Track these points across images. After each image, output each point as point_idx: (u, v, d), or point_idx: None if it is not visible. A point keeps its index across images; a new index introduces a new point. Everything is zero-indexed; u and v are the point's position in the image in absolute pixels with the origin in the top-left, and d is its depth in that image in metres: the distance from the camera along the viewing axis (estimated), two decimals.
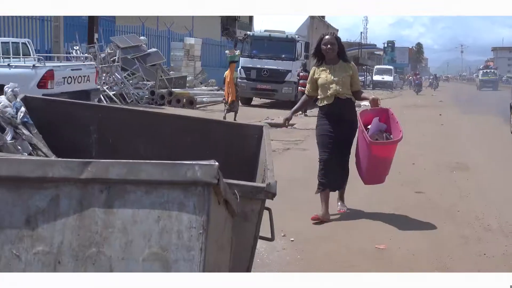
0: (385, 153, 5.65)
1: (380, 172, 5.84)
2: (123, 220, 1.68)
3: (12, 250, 1.68)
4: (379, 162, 5.71)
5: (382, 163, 5.70)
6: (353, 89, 5.82)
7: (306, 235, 5.32)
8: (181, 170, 1.68)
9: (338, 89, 5.66)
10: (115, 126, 3.23)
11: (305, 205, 5.97)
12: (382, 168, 5.78)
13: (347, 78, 5.72)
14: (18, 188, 1.70)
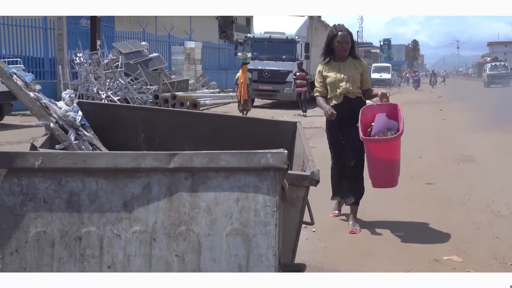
0: (384, 152, 5.09)
1: (384, 174, 5.27)
2: (207, 202, 1.96)
3: (113, 230, 1.96)
4: (378, 162, 5.16)
5: (383, 163, 5.15)
6: (363, 87, 5.46)
7: (327, 226, 5.58)
8: (255, 158, 1.96)
9: (348, 87, 5.32)
10: (160, 126, 3.51)
11: (322, 198, 6.23)
12: (384, 169, 5.23)
13: (357, 75, 5.37)
14: (115, 178, 1.98)
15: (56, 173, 1.98)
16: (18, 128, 13.20)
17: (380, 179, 5.29)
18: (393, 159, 5.13)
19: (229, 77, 31.40)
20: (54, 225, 1.96)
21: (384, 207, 6.22)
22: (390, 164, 5.16)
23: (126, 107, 3.60)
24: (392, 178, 5.31)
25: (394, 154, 5.11)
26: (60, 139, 2.81)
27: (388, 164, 5.14)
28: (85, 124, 3.15)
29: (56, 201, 1.97)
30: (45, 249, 1.95)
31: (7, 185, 1.98)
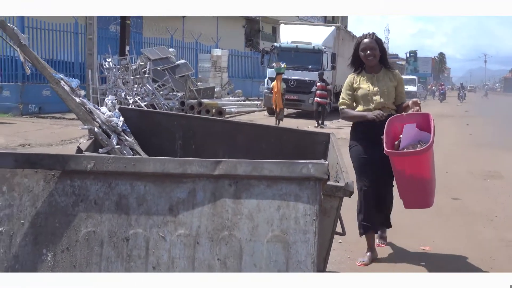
0: (411, 168, 4.40)
1: (414, 192, 4.60)
2: (249, 209, 2.05)
3: (159, 232, 2.05)
4: (406, 179, 4.48)
5: (411, 180, 4.46)
6: (397, 101, 4.90)
7: (352, 237, 5.62)
8: (297, 168, 2.04)
9: (383, 101, 4.76)
10: (197, 133, 3.62)
11: (346, 210, 6.27)
12: (414, 187, 4.53)
13: (392, 88, 4.83)
14: (162, 182, 2.08)
15: (107, 176, 2.08)
16: (41, 129, 13.45)
17: (409, 198, 4.65)
18: (423, 176, 4.44)
19: (254, 85, 31.56)
20: (104, 225, 2.06)
21: (410, 220, 6.24)
22: (419, 182, 4.46)
23: (165, 114, 3.71)
24: (423, 197, 4.67)
25: (424, 170, 4.43)
26: (103, 143, 2.92)
27: (418, 181, 4.45)
28: (126, 129, 3.26)
29: (106, 202, 2.07)
30: (94, 248, 2.05)
31: (60, 186, 2.09)
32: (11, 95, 17.30)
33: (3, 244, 2.08)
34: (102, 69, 18.80)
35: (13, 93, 17.27)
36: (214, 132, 3.64)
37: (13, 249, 2.07)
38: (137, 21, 25.10)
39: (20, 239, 2.08)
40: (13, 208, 2.10)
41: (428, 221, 6.26)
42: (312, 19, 47.64)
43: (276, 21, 38.10)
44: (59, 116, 16.61)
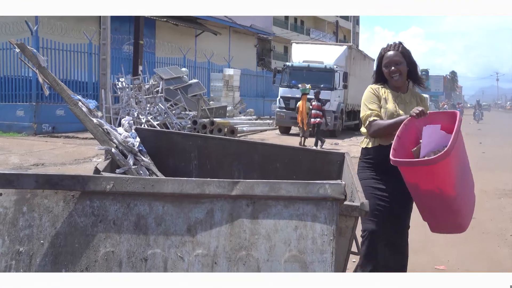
0: (427, 181, 3.49)
1: (435, 212, 3.68)
2: (267, 229, 2.06)
3: (177, 253, 2.07)
4: (421, 195, 3.62)
5: (428, 196, 3.56)
6: None
7: None
8: (314, 188, 2.05)
9: None
10: (212, 153, 3.64)
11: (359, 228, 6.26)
12: (433, 205, 3.62)
13: None
14: (180, 202, 2.10)
15: (126, 196, 2.11)
16: (55, 149, 13.56)
17: (433, 220, 3.76)
18: (443, 192, 3.46)
19: (266, 104, 31.68)
20: (122, 246, 2.08)
21: (424, 238, 6.20)
22: (440, 199, 3.49)
23: (180, 134, 3.74)
24: (450, 219, 3.70)
25: (444, 184, 3.45)
26: (120, 163, 2.95)
27: (437, 198, 3.49)
28: (142, 149, 3.29)
29: (124, 223, 2.10)
30: (113, 268, 2.07)
31: (80, 206, 2.11)
32: (25, 114, 17.51)
33: (23, 264, 2.10)
34: (116, 88, 18.97)
35: (27, 113, 17.47)
36: (229, 152, 3.67)
37: (33, 269, 2.10)
38: (150, 41, 25.36)
39: (39, 259, 2.10)
40: (33, 229, 2.12)
41: (442, 240, 6.21)
42: (324, 39, 47.87)
43: (288, 40, 38.38)
44: (72, 135, 16.77)
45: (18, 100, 18.03)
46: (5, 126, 17.62)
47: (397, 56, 3.83)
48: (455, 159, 3.45)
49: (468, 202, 3.78)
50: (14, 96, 18.17)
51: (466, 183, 3.76)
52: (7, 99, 18.30)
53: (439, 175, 3.42)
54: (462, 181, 3.67)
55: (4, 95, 18.37)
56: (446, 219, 3.68)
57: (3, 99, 18.36)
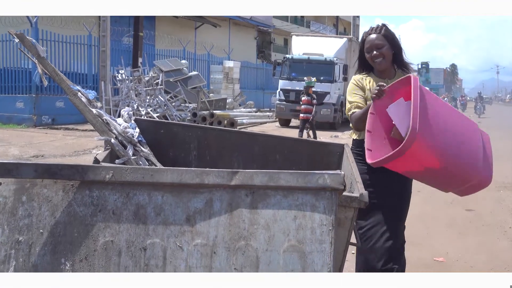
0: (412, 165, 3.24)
1: (446, 182, 3.44)
2: (266, 219, 2.06)
3: (176, 242, 2.07)
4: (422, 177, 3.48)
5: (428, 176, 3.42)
6: None
7: None
8: (313, 178, 2.05)
9: None
10: (212, 144, 3.64)
11: None
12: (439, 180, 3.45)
13: None
14: (180, 192, 2.10)
15: (125, 186, 2.10)
16: (54, 141, 13.56)
17: (451, 188, 3.53)
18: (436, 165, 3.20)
19: (266, 96, 31.65)
20: (122, 235, 2.08)
21: (424, 231, 6.22)
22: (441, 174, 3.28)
23: (180, 125, 3.74)
24: (464, 180, 3.38)
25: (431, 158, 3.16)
26: (119, 154, 2.95)
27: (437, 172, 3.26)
28: (142, 140, 3.29)
29: (124, 212, 2.09)
30: (112, 258, 2.07)
31: (79, 196, 2.11)
32: (25, 106, 17.49)
33: (22, 253, 2.11)
34: (115, 80, 18.95)
35: (27, 105, 17.45)
36: (229, 143, 3.66)
37: (32, 258, 2.10)
38: (149, 33, 25.32)
39: (39, 249, 2.10)
40: (32, 218, 2.12)
41: (441, 232, 6.24)
42: (324, 31, 47.76)
43: (288, 33, 38.32)
44: (72, 127, 16.76)
45: (17, 92, 18.01)
46: (5, 118, 17.61)
47: (379, 39, 3.51)
48: (428, 128, 3.09)
49: (474, 155, 3.33)
50: (14, 88, 18.15)
51: (460, 137, 3.30)
52: (6, 91, 18.27)
53: (420, 155, 3.11)
54: (455, 137, 3.26)
55: (3, 87, 18.35)
56: (460, 183, 3.39)
57: (3, 91, 18.33)
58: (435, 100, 3.31)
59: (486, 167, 3.38)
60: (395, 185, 3.54)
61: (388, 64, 3.57)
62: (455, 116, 3.44)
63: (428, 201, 7.82)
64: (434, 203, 7.77)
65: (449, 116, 3.36)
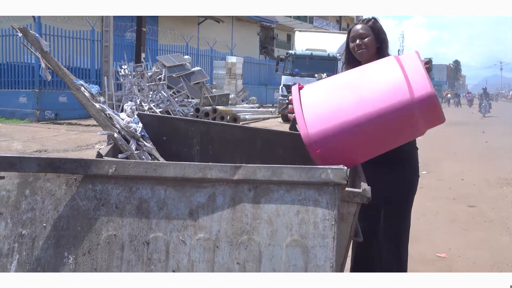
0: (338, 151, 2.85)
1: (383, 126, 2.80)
2: (269, 213, 2.06)
3: (179, 236, 2.07)
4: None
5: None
6: None
7: None
8: (316, 173, 2.05)
9: None
10: (214, 139, 3.63)
11: None
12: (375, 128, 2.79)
13: None
14: (183, 187, 2.10)
15: (128, 180, 2.11)
16: (58, 136, 13.58)
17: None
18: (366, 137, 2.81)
19: (269, 92, 31.63)
20: (124, 229, 2.08)
21: (427, 227, 6.22)
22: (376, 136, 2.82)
23: (183, 120, 3.73)
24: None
25: (346, 140, 2.80)
26: (122, 148, 2.95)
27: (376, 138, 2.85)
28: (145, 135, 3.29)
29: (127, 207, 2.10)
30: (115, 252, 2.07)
31: (82, 190, 2.12)
32: (28, 101, 17.51)
33: (25, 247, 2.11)
34: (118, 76, 18.97)
35: (30, 100, 17.47)
36: (231, 138, 3.66)
37: (36, 252, 2.11)
38: (152, 28, 25.30)
39: (42, 242, 2.11)
40: (35, 212, 2.13)
41: (444, 228, 6.25)
42: (327, 27, 47.68)
43: (291, 28, 38.25)
44: (75, 122, 16.78)
45: (20, 86, 18.03)
46: (8, 113, 17.63)
47: (364, 29, 3.41)
48: (322, 120, 2.81)
49: (387, 94, 2.75)
50: (17, 83, 18.17)
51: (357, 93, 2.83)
52: (10, 85, 18.29)
53: (339, 144, 2.82)
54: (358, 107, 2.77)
55: (6, 82, 18.37)
56: (405, 120, 2.78)
57: (6, 86, 18.35)
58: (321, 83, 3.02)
59: (416, 88, 2.73)
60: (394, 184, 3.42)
61: (370, 56, 3.38)
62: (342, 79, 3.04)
63: (431, 197, 7.83)
64: (437, 199, 7.78)
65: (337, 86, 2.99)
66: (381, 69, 2.92)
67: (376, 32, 3.44)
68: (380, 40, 3.44)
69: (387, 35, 3.51)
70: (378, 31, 3.44)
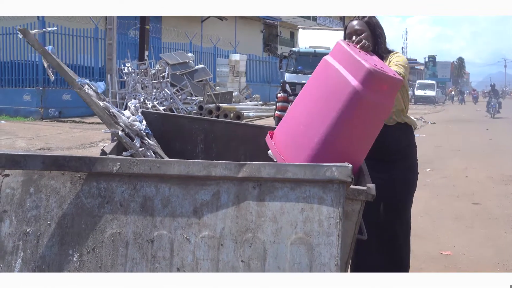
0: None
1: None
2: (273, 211, 2.06)
3: (183, 234, 2.07)
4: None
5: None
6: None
7: None
8: (321, 170, 2.05)
9: None
10: (218, 137, 3.64)
11: None
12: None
13: None
14: (187, 184, 2.10)
15: (132, 178, 2.11)
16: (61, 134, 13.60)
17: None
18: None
19: (272, 90, 31.59)
20: (129, 227, 2.08)
21: (431, 225, 6.21)
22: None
23: (187, 117, 3.74)
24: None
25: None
26: (127, 146, 2.95)
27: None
28: (149, 132, 3.29)
29: (131, 204, 2.10)
30: (120, 249, 2.07)
31: (86, 188, 2.12)
32: (32, 99, 17.55)
33: (30, 244, 2.11)
34: (121, 73, 18.94)
35: (34, 98, 17.51)
36: (235, 136, 3.66)
37: (40, 250, 2.11)
38: (156, 26, 25.29)
39: (47, 240, 2.11)
40: (40, 209, 2.13)
41: (448, 226, 6.23)
42: (330, 24, 47.59)
43: (294, 26, 38.17)
44: (79, 120, 16.81)
45: (25, 84, 18.07)
46: (12, 111, 17.67)
47: (359, 25, 3.39)
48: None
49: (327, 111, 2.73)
50: (21, 81, 18.21)
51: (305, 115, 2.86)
52: (14, 83, 18.33)
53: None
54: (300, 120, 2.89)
55: (11, 80, 18.41)
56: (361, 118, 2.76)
57: (10, 84, 18.39)
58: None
59: (353, 72, 2.70)
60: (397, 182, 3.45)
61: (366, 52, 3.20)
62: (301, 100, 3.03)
63: (435, 194, 7.81)
64: (441, 196, 7.76)
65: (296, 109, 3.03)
66: (321, 77, 2.92)
67: (372, 27, 3.42)
68: (376, 36, 3.42)
69: (383, 30, 3.49)
70: (374, 27, 3.42)
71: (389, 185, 3.41)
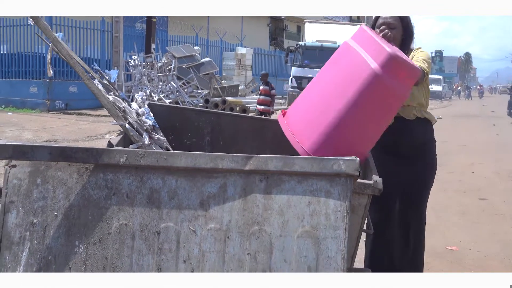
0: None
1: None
2: (280, 204, 2.05)
3: (190, 226, 2.07)
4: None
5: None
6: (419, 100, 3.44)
7: None
8: (328, 164, 2.04)
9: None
10: (225, 130, 3.63)
11: None
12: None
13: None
14: (194, 177, 2.10)
15: (139, 170, 2.10)
16: (68, 126, 13.62)
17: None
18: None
19: (279, 84, 31.53)
20: (135, 219, 2.08)
21: (437, 220, 6.19)
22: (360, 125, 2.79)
23: (193, 110, 3.74)
24: None
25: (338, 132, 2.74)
26: (133, 139, 2.94)
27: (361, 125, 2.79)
28: (156, 126, 3.29)
29: (138, 196, 2.09)
30: (126, 241, 2.07)
31: (93, 179, 2.12)
32: (39, 91, 17.57)
33: (37, 235, 2.11)
34: (128, 66, 18.95)
35: (41, 90, 17.53)
36: (242, 129, 3.65)
37: (47, 241, 2.11)
38: (162, 19, 25.26)
39: (53, 231, 2.11)
40: (47, 200, 2.13)
41: (454, 221, 6.22)
42: (337, 18, 47.41)
43: (301, 20, 38.04)
44: (85, 112, 16.83)
45: (31, 76, 18.10)
46: (19, 103, 17.71)
47: (393, 19, 3.33)
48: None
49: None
50: (28, 73, 18.24)
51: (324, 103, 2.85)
52: (20, 75, 18.36)
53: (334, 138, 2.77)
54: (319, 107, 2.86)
55: (17, 72, 18.44)
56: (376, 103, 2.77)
57: (17, 76, 18.42)
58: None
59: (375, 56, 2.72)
60: (416, 176, 3.48)
61: (396, 45, 3.21)
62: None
63: (441, 190, 7.78)
64: (447, 192, 7.74)
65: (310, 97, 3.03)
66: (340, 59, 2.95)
67: (405, 25, 3.38)
68: (407, 34, 3.39)
69: (414, 32, 3.46)
70: (406, 24, 3.39)
71: (409, 180, 3.45)
